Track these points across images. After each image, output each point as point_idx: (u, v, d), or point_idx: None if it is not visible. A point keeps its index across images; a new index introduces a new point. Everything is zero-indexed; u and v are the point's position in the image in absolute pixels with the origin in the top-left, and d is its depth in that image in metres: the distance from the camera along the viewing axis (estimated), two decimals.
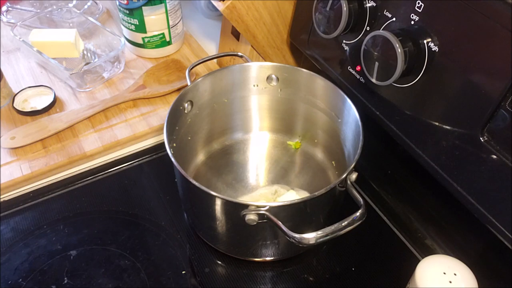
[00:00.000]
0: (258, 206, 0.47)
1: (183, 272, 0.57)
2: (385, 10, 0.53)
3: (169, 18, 0.83)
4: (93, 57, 0.85)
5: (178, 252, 0.59)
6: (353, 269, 0.58)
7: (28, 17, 0.88)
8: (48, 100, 0.76)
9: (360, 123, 0.55)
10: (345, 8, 0.55)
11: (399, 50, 0.48)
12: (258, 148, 0.72)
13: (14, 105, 0.75)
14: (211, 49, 0.93)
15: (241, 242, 0.56)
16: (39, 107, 0.75)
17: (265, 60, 0.79)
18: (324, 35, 0.60)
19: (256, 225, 0.48)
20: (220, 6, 0.70)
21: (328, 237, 0.45)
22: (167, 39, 0.86)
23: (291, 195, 0.62)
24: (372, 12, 0.55)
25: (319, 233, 0.45)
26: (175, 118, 0.59)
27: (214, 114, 0.68)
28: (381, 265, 0.59)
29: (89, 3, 0.95)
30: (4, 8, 0.94)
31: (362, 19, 0.56)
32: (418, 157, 0.53)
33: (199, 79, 0.62)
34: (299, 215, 0.51)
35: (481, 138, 0.45)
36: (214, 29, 0.96)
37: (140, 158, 0.72)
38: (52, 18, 0.91)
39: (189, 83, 0.61)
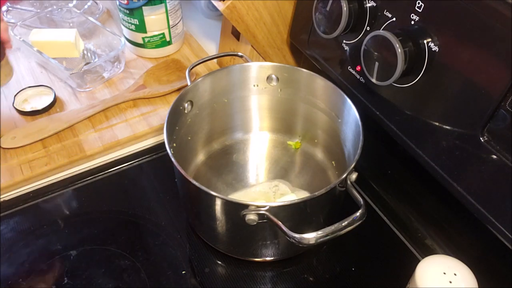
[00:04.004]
0: (258, 206, 0.47)
1: (183, 272, 0.57)
2: (385, 10, 0.53)
3: (169, 18, 0.83)
4: (93, 57, 0.85)
5: (178, 252, 0.59)
6: (353, 269, 0.58)
7: (28, 17, 0.88)
8: (48, 100, 0.76)
9: (360, 123, 0.55)
10: (345, 8, 0.55)
11: (399, 50, 0.48)
12: (258, 148, 0.72)
13: (14, 105, 0.75)
14: (211, 49, 0.93)
15: (241, 242, 0.56)
16: (39, 107, 0.75)
17: (265, 60, 0.79)
18: (324, 35, 0.60)
19: (256, 225, 0.48)
20: (220, 6, 0.70)
21: (328, 237, 0.45)
22: (167, 39, 0.86)
23: (291, 198, 0.62)
24: (372, 12, 0.55)
25: (319, 233, 0.45)
26: (175, 118, 0.59)
27: (214, 114, 0.68)
28: (381, 265, 0.59)
29: (89, 3, 0.95)
30: (4, 8, 0.94)
31: (362, 19, 0.56)
32: (418, 157, 0.53)
33: (199, 79, 0.62)
34: (299, 215, 0.51)
35: (481, 138, 0.45)
36: (214, 29, 0.96)
37: (140, 158, 0.72)
38: (52, 18, 0.91)
39: (189, 83, 0.61)
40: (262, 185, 0.65)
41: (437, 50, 0.47)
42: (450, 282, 0.45)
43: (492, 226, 0.46)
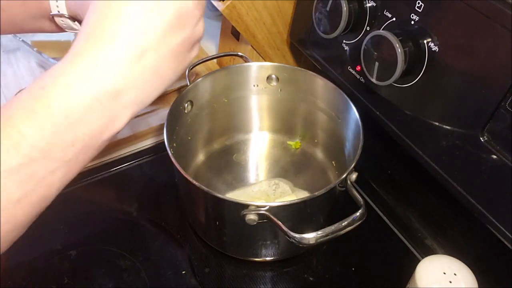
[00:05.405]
0: (258, 206, 0.47)
1: (183, 272, 0.57)
2: (385, 10, 0.53)
3: None
4: None
5: (178, 252, 0.59)
6: (353, 269, 0.58)
7: None
8: None
9: (360, 123, 0.55)
10: (345, 8, 0.55)
11: (399, 50, 0.48)
12: (258, 148, 0.72)
13: None
14: (211, 49, 0.93)
15: (241, 242, 0.56)
16: None
17: (265, 60, 0.79)
18: (324, 35, 0.60)
19: (256, 225, 0.48)
20: (220, 6, 0.70)
21: (328, 237, 0.45)
22: None
23: (291, 198, 0.62)
24: (372, 12, 0.55)
25: (319, 233, 0.45)
26: (175, 118, 0.59)
27: (214, 114, 0.67)
28: (381, 265, 0.59)
29: None
30: None
31: (362, 19, 0.56)
32: (418, 157, 0.53)
33: (199, 79, 0.62)
34: (299, 215, 0.51)
35: (481, 138, 0.45)
36: (214, 29, 0.95)
37: (140, 158, 0.72)
38: None
39: (189, 83, 0.61)
40: (262, 184, 0.65)
41: (437, 50, 0.47)
42: (450, 282, 0.45)
43: (492, 226, 0.46)
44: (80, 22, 0.51)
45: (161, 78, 0.37)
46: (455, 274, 0.46)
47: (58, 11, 0.48)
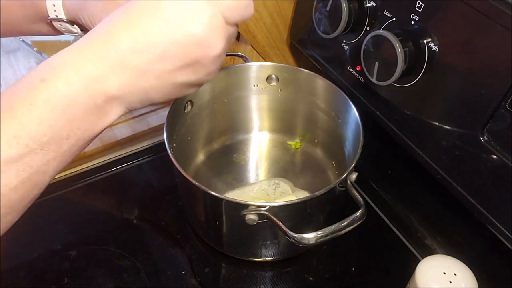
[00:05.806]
0: (258, 206, 0.47)
1: (183, 272, 0.57)
2: (385, 10, 0.53)
3: None
4: None
5: (178, 252, 0.59)
6: (353, 269, 0.58)
7: None
8: None
9: (360, 123, 0.55)
10: (345, 8, 0.55)
11: (399, 50, 0.48)
12: (258, 148, 0.72)
13: None
14: None
15: (241, 242, 0.56)
16: None
17: (265, 60, 0.79)
18: (324, 35, 0.60)
19: (256, 225, 0.48)
20: None
21: (328, 237, 0.45)
22: None
23: (290, 198, 0.62)
24: (372, 12, 0.55)
25: (319, 233, 0.45)
26: (175, 118, 0.59)
27: (214, 114, 0.67)
28: (381, 265, 0.59)
29: None
30: None
31: (362, 19, 0.56)
32: (418, 157, 0.53)
33: None
34: (299, 215, 0.51)
35: (481, 138, 0.45)
36: None
37: (140, 158, 0.72)
38: None
39: None
40: (262, 183, 0.65)
41: (437, 50, 0.47)
42: (450, 282, 0.45)
43: (492, 226, 0.46)
44: (79, 25, 0.50)
45: (148, 98, 0.37)
46: (455, 274, 0.46)
47: (56, 15, 0.48)
